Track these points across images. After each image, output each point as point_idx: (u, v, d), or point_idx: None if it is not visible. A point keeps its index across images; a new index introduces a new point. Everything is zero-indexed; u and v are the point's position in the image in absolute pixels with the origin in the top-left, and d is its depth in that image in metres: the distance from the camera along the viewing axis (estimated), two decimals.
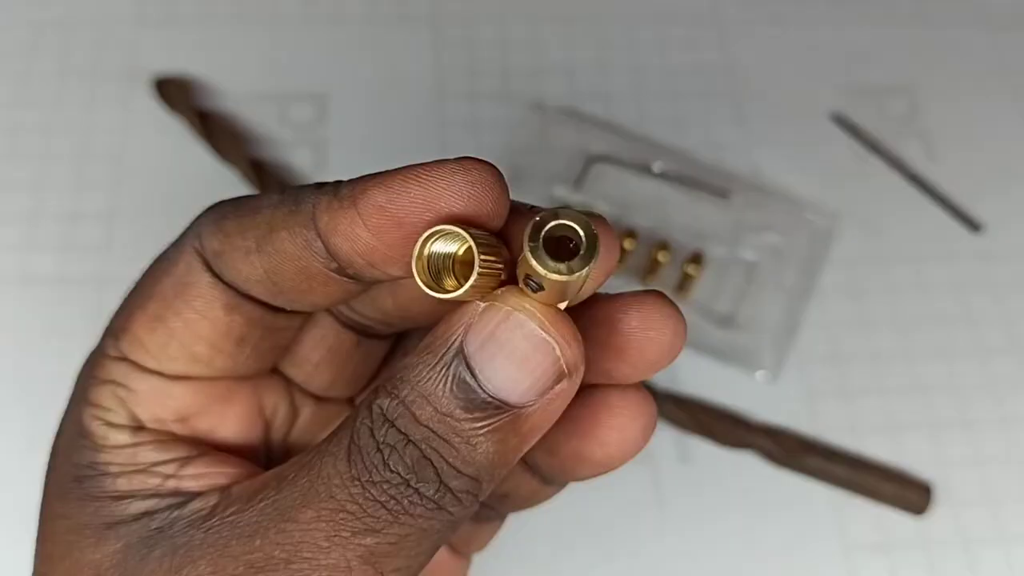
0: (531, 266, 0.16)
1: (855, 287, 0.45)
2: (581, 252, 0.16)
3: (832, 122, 0.49)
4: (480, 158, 0.17)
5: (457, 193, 0.17)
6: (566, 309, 0.18)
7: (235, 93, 0.47)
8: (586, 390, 0.20)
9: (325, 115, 0.47)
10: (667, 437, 0.41)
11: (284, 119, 0.47)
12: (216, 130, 0.45)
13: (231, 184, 0.44)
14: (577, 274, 0.16)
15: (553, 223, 0.16)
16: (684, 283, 0.43)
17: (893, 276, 0.45)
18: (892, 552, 0.39)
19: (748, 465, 0.40)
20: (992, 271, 0.46)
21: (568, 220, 0.16)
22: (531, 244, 0.16)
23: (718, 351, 0.42)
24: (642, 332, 0.19)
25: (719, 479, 0.40)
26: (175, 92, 0.46)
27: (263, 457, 0.23)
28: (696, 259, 0.43)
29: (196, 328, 0.20)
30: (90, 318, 0.28)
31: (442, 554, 0.25)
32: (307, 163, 0.46)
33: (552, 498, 0.24)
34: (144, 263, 0.21)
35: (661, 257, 0.43)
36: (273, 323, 0.21)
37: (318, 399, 0.24)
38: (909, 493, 0.39)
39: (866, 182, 0.48)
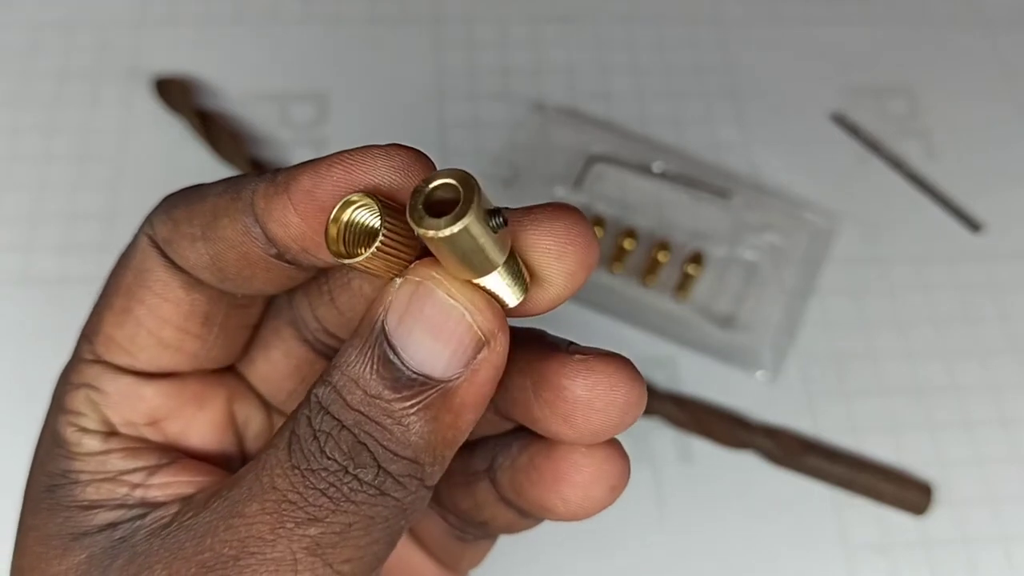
0: (414, 228, 0.15)
1: (855, 287, 0.45)
2: (459, 206, 0.15)
3: (832, 122, 0.49)
4: (406, 145, 0.17)
5: (379, 177, 0.17)
6: (514, 308, 0.17)
7: (235, 93, 0.47)
8: (552, 442, 0.20)
9: (325, 115, 0.47)
10: (667, 437, 0.41)
11: (284, 119, 0.47)
12: (216, 130, 0.45)
13: None
14: (449, 230, 0.14)
15: (435, 183, 0.15)
16: (684, 283, 0.43)
17: (893, 276, 0.45)
18: (892, 552, 0.39)
19: (748, 465, 0.40)
20: (992, 271, 0.46)
21: (443, 178, 0.15)
22: (411, 202, 0.15)
23: (718, 351, 0.42)
24: (587, 402, 0.18)
25: (719, 479, 0.40)
26: (175, 92, 0.46)
27: (238, 468, 0.23)
28: (696, 259, 0.43)
29: (160, 312, 0.20)
30: None
31: (433, 571, 0.24)
32: None
33: (535, 527, 0.23)
34: None
35: (661, 257, 0.43)
36: (234, 300, 0.20)
37: None
38: (909, 493, 0.39)
39: (866, 182, 0.48)
